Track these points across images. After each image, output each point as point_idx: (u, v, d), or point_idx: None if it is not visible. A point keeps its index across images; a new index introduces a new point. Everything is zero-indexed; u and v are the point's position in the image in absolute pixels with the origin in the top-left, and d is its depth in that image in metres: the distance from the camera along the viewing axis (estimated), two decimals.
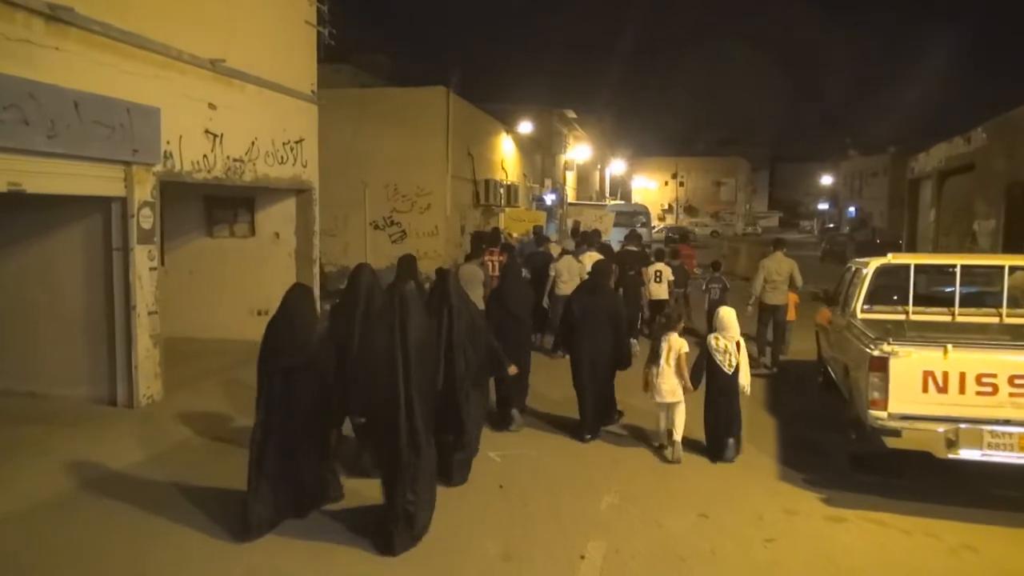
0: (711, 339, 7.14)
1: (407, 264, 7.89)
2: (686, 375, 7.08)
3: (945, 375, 5.73)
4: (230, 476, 6.16)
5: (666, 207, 74.94)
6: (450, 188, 18.94)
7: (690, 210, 76.33)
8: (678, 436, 7.09)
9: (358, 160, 18.48)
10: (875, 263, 7.58)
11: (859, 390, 6.38)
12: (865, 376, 6.03)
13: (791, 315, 11.56)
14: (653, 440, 7.60)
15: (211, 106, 9.17)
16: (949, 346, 5.74)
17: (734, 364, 7.00)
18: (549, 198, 33.27)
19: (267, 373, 5.46)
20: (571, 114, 37.83)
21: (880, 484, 6.49)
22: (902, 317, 7.32)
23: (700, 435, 7.41)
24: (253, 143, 10.12)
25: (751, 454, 7.38)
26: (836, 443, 7.59)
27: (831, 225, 68.73)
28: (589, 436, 7.65)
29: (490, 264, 12.00)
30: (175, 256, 12.30)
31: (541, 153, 33.24)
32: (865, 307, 7.47)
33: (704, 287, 13.69)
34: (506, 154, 25.71)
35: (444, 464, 6.15)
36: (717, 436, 7.13)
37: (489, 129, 23.79)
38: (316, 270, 12.13)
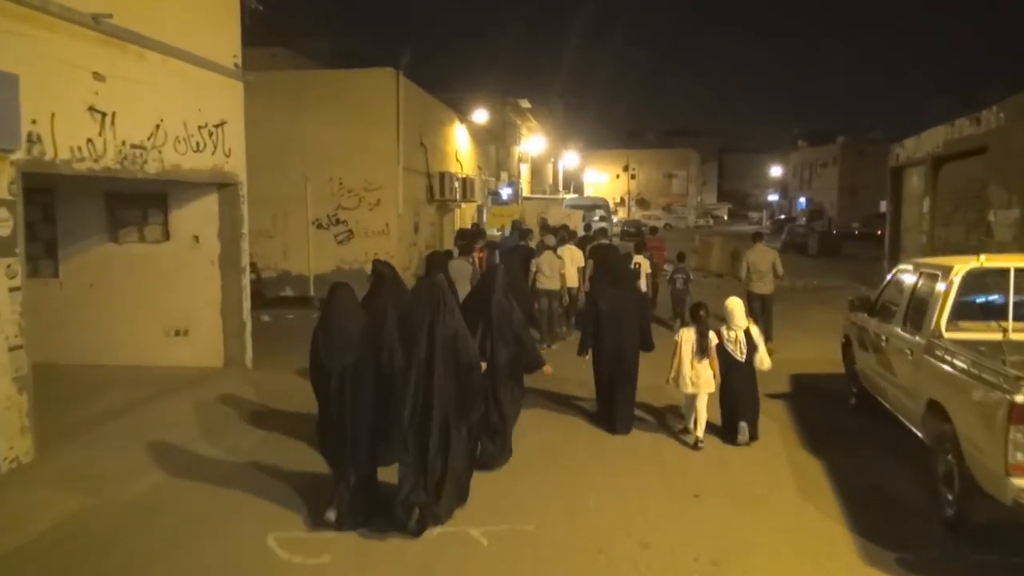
0: (722, 330, 7.42)
1: (438, 259, 8.78)
2: (716, 366, 7.29)
3: None
4: None
5: (618, 200, 73.97)
6: (402, 182, 16.94)
7: (642, 203, 75.82)
8: (704, 423, 7.31)
9: (298, 151, 16.42)
10: (961, 267, 5.97)
11: (976, 445, 4.75)
12: (993, 427, 4.39)
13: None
14: (676, 424, 7.91)
15: (97, 76, 7.11)
16: None
17: (744, 351, 7.29)
18: (505, 192, 31.50)
19: (327, 374, 5.52)
20: (525, 104, 36.06)
21: (1002, 566, 4.89)
22: (997, 336, 5.73)
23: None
24: (158, 126, 8.07)
25: (812, 517, 5.72)
26: (912, 496, 6.04)
27: (782, 216, 68.65)
28: (622, 430, 7.69)
29: (476, 260, 12.02)
30: (72, 266, 10.29)
31: (496, 144, 31.41)
32: (952, 324, 5.85)
33: (669, 277, 14.14)
34: (460, 145, 23.79)
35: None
36: (733, 420, 7.33)
37: (442, 118, 21.83)
38: (245, 280, 10.10)
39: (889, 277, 7.73)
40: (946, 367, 5.40)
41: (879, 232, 42.03)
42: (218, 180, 9.56)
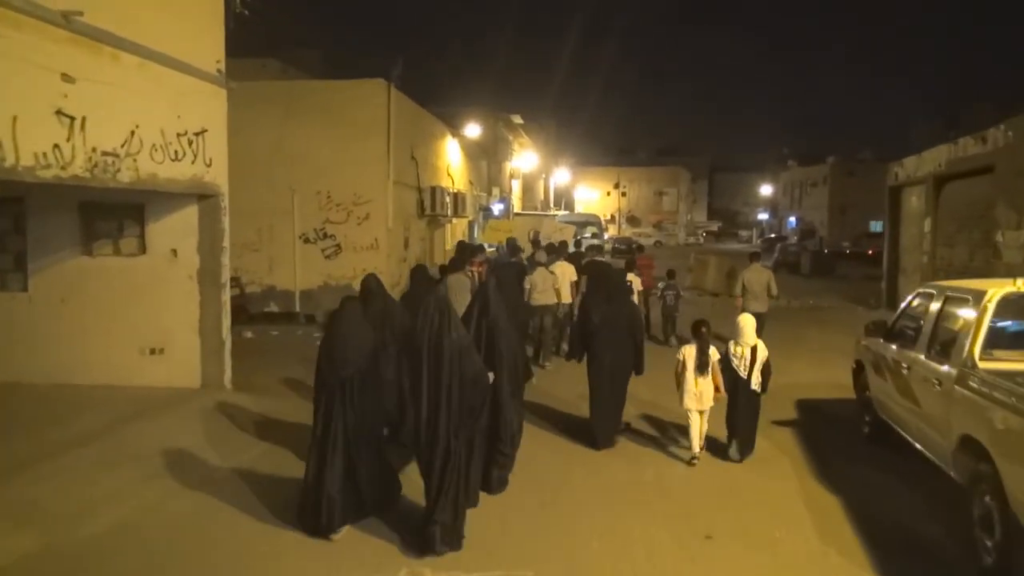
0: (730, 345, 7.41)
1: (422, 273, 9.05)
2: (720, 381, 7.29)
3: None
4: None
5: (609, 217, 73.86)
6: (392, 195, 16.49)
7: (633, 220, 75.80)
8: (702, 438, 7.36)
9: (285, 163, 15.97)
10: (996, 292, 5.54)
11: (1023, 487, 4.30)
12: None
13: None
14: (681, 445, 7.72)
15: (66, 78, 6.61)
16: None
17: (748, 368, 7.24)
18: (497, 208, 31.14)
19: (327, 384, 5.62)
20: (517, 119, 35.81)
21: None
22: None
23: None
24: (133, 132, 7.56)
25: (835, 564, 5.25)
26: (941, 539, 5.61)
27: (772, 235, 68.74)
28: (604, 445, 7.69)
29: (476, 274, 12.11)
30: (43, 280, 9.77)
31: (487, 160, 31.05)
32: (986, 353, 5.41)
33: (659, 294, 14.34)
34: (452, 160, 23.38)
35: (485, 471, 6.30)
36: (732, 435, 7.40)
37: (434, 131, 21.43)
38: (225, 296, 9.57)
39: (908, 300, 7.30)
40: (984, 401, 4.95)
41: (870, 252, 42.19)
42: (198, 191, 9.06)
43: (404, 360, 5.57)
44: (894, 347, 7.04)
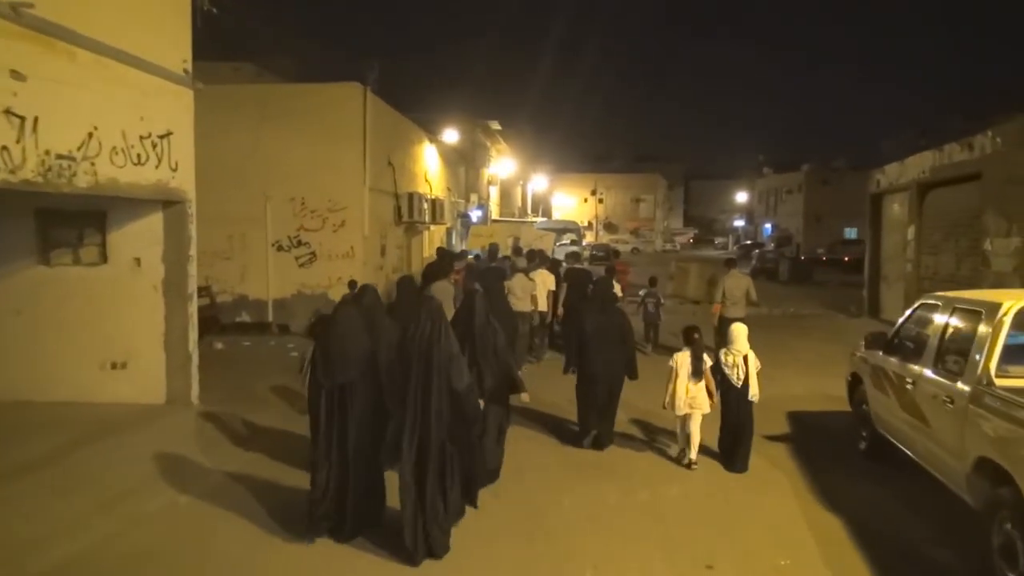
0: (722, 353, 7.43)
1: (408, 284, 9.03)
2: (713, 387, 7.34)
3: None
4: None
5: (586, 224, 73.74)
6: (368, 202, 16.03)
7: (610, 227, 75.72)
8: (697, 444, 7.35)
9: (258, 169, 15.47)
10: (1012, 305, 5.24)
11: None
12: None
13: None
14: (670, 448, 7.84)
15: (16, 75, 6.13)
16: None
17: (742, 377, 7.26)
18: (475, 214, 30.74)
19: (323, 389, 5.57)
20: (495, 125, 35.39)
21: None
22: None
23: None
24: (91, 134, 7.09)
25: None
26: (955, 567, 5.28)
27: (748, 242, 68.99)
28: (590, 445, 7.84)
29: (456, 282, 12.11)
30: None
31: (465, 166, 30.64)
32: (1001, 370, 5.11)
33: (640, 301, 14.11)
34: (430, 165, 22.94)
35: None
36: (727, 446, 7.39)
37: (411, 136, 21.00)
38: (192, 307, 9.08)
39: (910, 311, 7.01)
40: (1005, 421, 4.64)
41: (846, 258, 42.44)
42: (163, 197, 8.58)
43: (396, 367, 5.56)
44: (895, 360, 6.74)
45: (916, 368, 6.18)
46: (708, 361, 7.37)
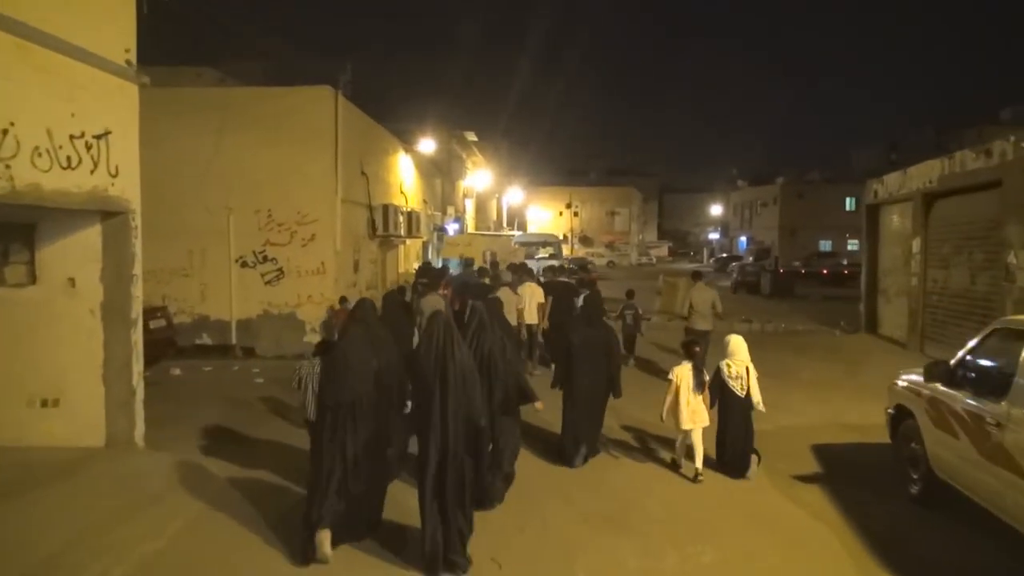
0: (723, 365, 7.52)
1: (396, 298, 9.56)
2: (707, 400, 7.47)
3: None
4: None
5: (562, 237, 73.13)
6: (340, 214, 14.88)
7: (585, 240, 75.29)
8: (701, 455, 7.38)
9: (221, 178, 14.32)
10: None
11: None
12: None
13: None
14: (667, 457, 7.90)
15: None
16: None
17: (745, 388, 7.40)
18: (451, 227, 29.69)
19: (328, 407, 5.55)
20: (471, 136, 34.44)
21: None
22: None
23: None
24: (6, 132, 5.91)
25: None
26: None
27: (724, 255, 68.75)
28: (579, 462, 7.72)
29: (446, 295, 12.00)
30: None
31: (441, 178, 29.60)
32: None
33: (618, 313, 13.98)
34: (405, 177, 21.84)
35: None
36: (737, 453, 7.43)
37: (386, 146, 19.90)
38: (136, 334, 7.88)
39: (980, 338, 6.02)
40: None
41: (824, 271, 42.11)
42: (100, 207, 7.39)
43: (410, 382, 5.68)
44: (967, 396, 5.74)
45: (1002, 407, 5.18)
46: (706, 376, 7.52)
